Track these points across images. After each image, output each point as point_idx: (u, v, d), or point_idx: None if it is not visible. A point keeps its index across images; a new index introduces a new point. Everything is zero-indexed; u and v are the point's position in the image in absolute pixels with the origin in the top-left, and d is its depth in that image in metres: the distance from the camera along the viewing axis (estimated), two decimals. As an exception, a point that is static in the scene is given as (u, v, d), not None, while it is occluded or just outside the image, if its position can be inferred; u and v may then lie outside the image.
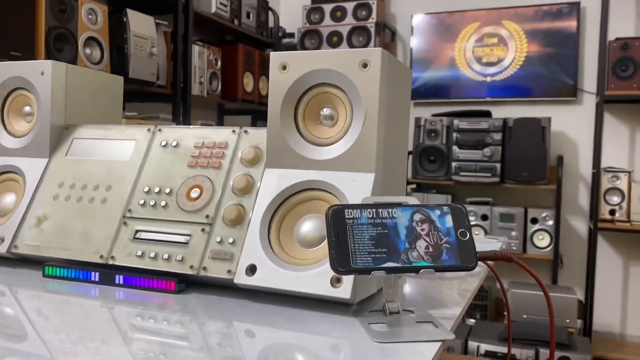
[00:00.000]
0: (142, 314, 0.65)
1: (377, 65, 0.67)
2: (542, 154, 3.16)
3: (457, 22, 3.68)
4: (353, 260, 0.59)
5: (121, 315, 0.64)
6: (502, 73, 3.57)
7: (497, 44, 3.58)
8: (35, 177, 0.85)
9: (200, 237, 0.72)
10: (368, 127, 0.68)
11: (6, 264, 0.83)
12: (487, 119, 3.26)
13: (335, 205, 0.61)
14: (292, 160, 0.72)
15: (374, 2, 3.66)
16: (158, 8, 2.49)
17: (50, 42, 1.91)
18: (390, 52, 3.89)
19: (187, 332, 0.58)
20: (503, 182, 3.22)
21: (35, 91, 0.87)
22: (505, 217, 3.30)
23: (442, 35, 3.74)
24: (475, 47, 3.65)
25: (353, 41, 3.72)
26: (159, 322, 0.62)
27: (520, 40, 3.53)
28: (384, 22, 3.72)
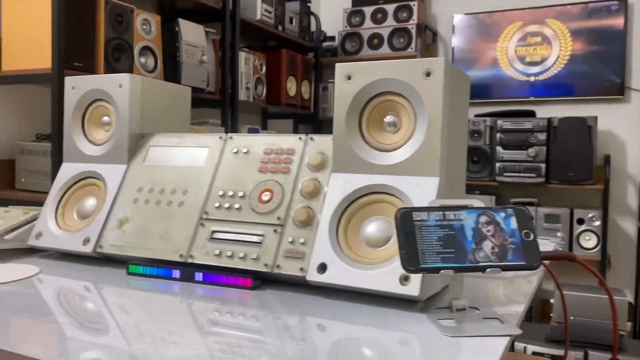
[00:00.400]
0: (220, 309, 0.70)
1: (440, 74, 0.71)
2: (589, 153, 3.11)
3: (499, 21, 3.66)
4: (422, 260, 0.63)
5: (199, 310, 0.69)
6: (546, 72, 3.53)
7: (540, 42, 3.55)
8: (116, 182, 0.91)
9: (273, 237, 0.77)
10: (432, 133, 0.71)
11: (91, 262, 0.91)
12: (531, 119, 3.23)
13: (404, 208, 0.65)
14: (357, 165, 0.76)
15: (415, 3, 3.68)
16: (206, 17, 2.58)
17: (109, 52, 2.01)
18: (432, 53, 3.90)
19: (262, 325, 0.63)
20: (548, 182, 3.19)
21: (114, 102, 0.94)
22: (550, 217, 3.26)
23: (483, 35, 3.72)
24: (518, 47, 3.62)
25: (394, 43, 3.74)
26: (236, 316, 0.67)
27: (565, 38, 3.48)
28: (425, 24, 3.72)
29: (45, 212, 0.94)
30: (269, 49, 3.26)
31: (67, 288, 0.77)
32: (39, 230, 0.93)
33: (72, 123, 0.98)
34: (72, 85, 0.98)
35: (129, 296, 0.75)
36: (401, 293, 0.66)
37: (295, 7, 3.30)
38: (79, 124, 0.99)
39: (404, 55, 3.70)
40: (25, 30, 1.91)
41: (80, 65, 1.92)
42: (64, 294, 0.73)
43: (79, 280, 0.81)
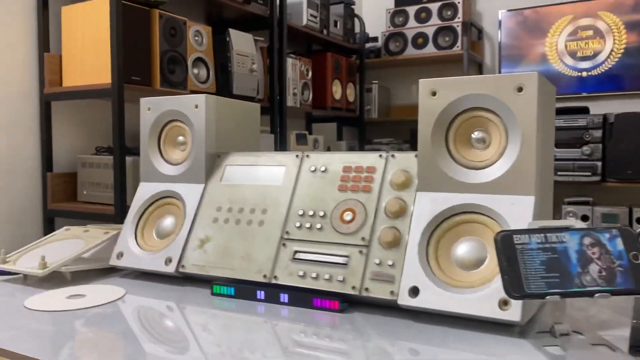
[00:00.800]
0: (305, 330, 0.70)
1: (533, 89, 0.69)
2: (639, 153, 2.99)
3: (548, 16, 3.56)
4: (526, 285, 0.60)
5: (284, 331, 0.69)
6: (599, 67, 3.41)
7: (592, 36, 3.43)
8: (194, 202, 0.92)
9: (359, 259, 0.76)
10: (526, 150, 0.69)
11: (172, 282, 0.92)
12: (584, 116, 3.13)
13: (504, 231, 0.63)
14: (445, 184, 0.74)
15: (460, 1, 3.62)
16: (254, 25, 2.60)
17: (164, 65, 2.04)
18: (477, 51, 3.82)
19: (351, 348, 0.62)
20: (604, 181, 3.08)
21: (190, 123, 0.95)
22: (608, 217, 3.15)
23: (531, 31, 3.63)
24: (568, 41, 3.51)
25: (439, 42, 3.69)
26: (322, 338, 0.67)
27: (619, 31, 3.36)
28: (471, 21, 3.65)
29: (125, 232, 0.96)
30: (314, 53, 3.26)
31: (157, 310, 0.78)
32: (120, 250, 0.94)
33: (149, 143, 1.00)
34: (147, 107, 1.00)
35: (211, 315, 0.75)
36: (502, 318, 0.64)
37: (339, 10, 3.29)
38: (155, 144, 1.00)
39: (450, 54, 3.64)
40: (84, 47, 1.96)
41: (138, 79, 1.95)
42: (153, 316, 0.74)
43: (164, 301, 0.82)
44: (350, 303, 0.76)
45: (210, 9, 2.45)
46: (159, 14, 2.03)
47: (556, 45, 3.56)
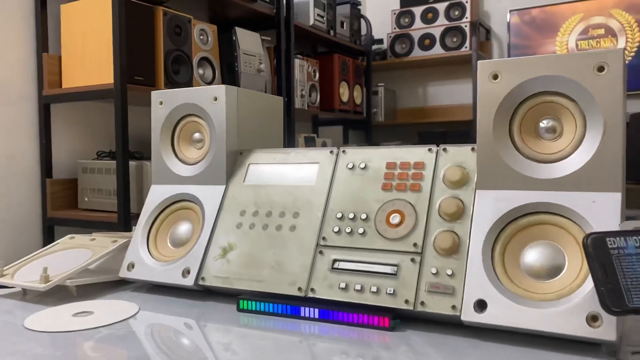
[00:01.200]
0: (349, 351, 0.60)
1: (618, 68, 0.59)
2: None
3: (557, 15, 3.48)
4: (628, 298, 0.50)
5: (323, 352, 0.59)
6: (612, 66, 3.33)
7: (604, 35, 3.35)
8: (214, 206, 0.82)
9: (411, 268, 0.66)
10: (611, 139, 0.59)
11: (192, 296, 0.81)
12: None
13: (594, 233, 0.53)
14: (510, 180, 0.64)
15: (468, 0, 3.54)
16: (260, 24, 2.51)
17: (168, 64, 1.94)
18: (486, 51, 3.74)
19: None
20: (621, 183, 2.99)
21: (209, 117, 0.85)
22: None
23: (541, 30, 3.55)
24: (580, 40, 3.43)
25: (446, 42, 3.60)
26: (370, 360, 0.56)
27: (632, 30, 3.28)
28: (479, 21, 3.57)
29: (136, 240, 0.86)
30: (320, 54, 3.17)
31: (174, 329, 0.68)
32: (131, 260, 0.84)
33: (161, 141, 0.90)
34: (159, 100, 0.90)
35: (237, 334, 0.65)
36: (593, 337, 0.54)
37: (345, 10, 3.21)
38: (169, 142, 0.90)
39: (458, 55, 3.56)
40: (84, 46, 1.87)
41: (141, 79, 1.86)
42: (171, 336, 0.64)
43: (182, 318, 0.72)
44: (403, 319, 0.66)
45: (214, 7, 2.36)
46: (163, 12, 1.93)
47: (567, 44, 3.48)
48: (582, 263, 0.58)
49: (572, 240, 0.60)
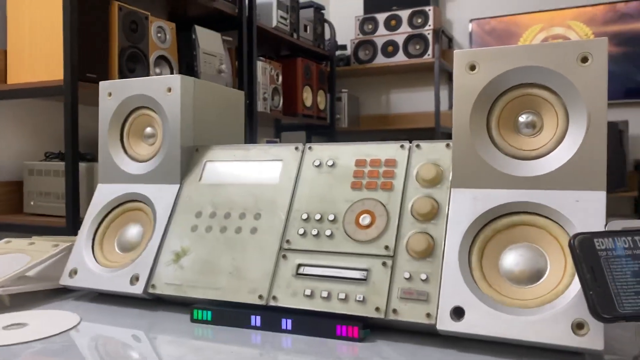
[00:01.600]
0: (315, 365, 0.54)
1: (603, 58, 0.55)
2: (621, 159, 2.97)
3: (518, 25, 3.54)
4: (619, 304, 0.47)
5: None
6: (569, 76, 3.40)
7: (562, 46, 3.42)
8: (167, 206, 0.75)
9: (382, 273, 0.60)
10: (594, 135, 0.55)
11: (140, 305, 0.74)
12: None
13: (582, 233, 0.49)
14: (488, 178, 0.60)
15: (430, 8, 3.56)
16: (221, 24, 2.43)
17: (123, 62, 1.85)
18: (448, 59, 3.76)
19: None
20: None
21: (162, 110, 0.78)
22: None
23: (502, 40, 3.59)
24: (538, 51, 3.49)
25: (409, 50, 3.61)
26: (338, 375, 0.51)
27: (588, 40, 3.36)
28: (442, 29, 3.59)
29: (80, 245, 0.78)
30: (283, 57, 3.12)
31: (121, 342, 0.61)
32: (74, 266, 0.76)
33: (109, 136, 0.82)
34: (107, 92, 0.82)
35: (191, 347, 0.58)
36: (579, 346, 0.50)
37: (309, 14, 3.17)
38: (117, 137, 0.82)
39: (420, 62, 3.57)
40: (32, 40, 1.76)
41: (93, 76, 1.76)
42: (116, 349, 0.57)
43: (129, 329, 0.65)
44: (373, 329, 0.60)
45: (173, 4, 2.27)
46: (118, 7, 1.84)
47: (526, 54, 3.54)
48: (565, 267, 0.54)
49: (554, 242, 0.56)
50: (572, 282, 0.53)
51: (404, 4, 3.64)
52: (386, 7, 3.70)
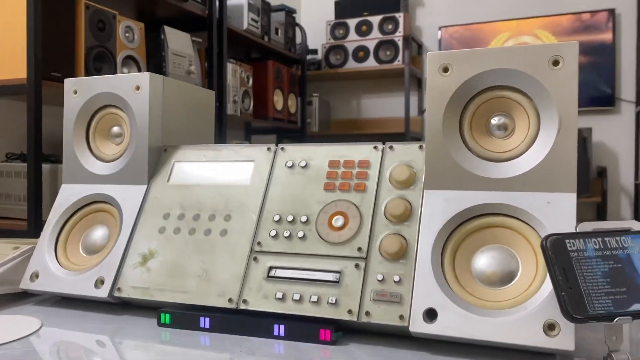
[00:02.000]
0: (286, 369, 0.53)
1: (573, 62, 0.56)
2: (585, 165, 3.05)
3: (486, 33, 3.60)
4: (590, 304, 0.47)
5: None
6: (535, 84, 3.47)
7: (528, 54, 3.49)
8: (134, 207, 0.73)
9: (355, 275, 0.60)
10: (566, 137, 0.56)
11: (105, 310, 0.71)
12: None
13: (554, 235, 0.50)
14: (460, 180, 0.60)
15: (401, 15, 3.59)
16: (191, 25, 2.40)
17: (90, 61, 1.81)
18: (417, 65, 3.80)
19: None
20: (544, 196, 3.10)
21: (129, 108, 0.76)
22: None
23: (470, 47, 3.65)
24: (506, 58, 3.56)
25: (380, 55, 3.64)
26: (309, 379, 0.50)
27: (553, 49, 3.44)
28: (411, 36, 3.63)
29: (42, 247, 0.75)
30: (254, 60, 3.10)
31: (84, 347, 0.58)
32: (35, 269, 0.73)
33: (74, 135, 0.79)
34: (73, 89, 0.80)
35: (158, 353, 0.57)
36: (550, 347, 0.50)
37: (280, 17, 3.16)
38: (83, 135, 0.80)
39: (391, 68, 3.59)
40: (-6, 36, 1.70)
41: (58, 75, 1.71)
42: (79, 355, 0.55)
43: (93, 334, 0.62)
44: (346, 332, 0.60)
45: (142, 4, 2.23)
46: (85, 5, 1.80)
47: (494, 62, 3.60)
48: (536, 268, 0.55)
49: (525, 243, 0.56)
50: (543, 284, 0.53)
51: (375, 10, 3.67)
52: (357, 12, 3.71)
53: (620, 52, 3.32)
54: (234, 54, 2.93)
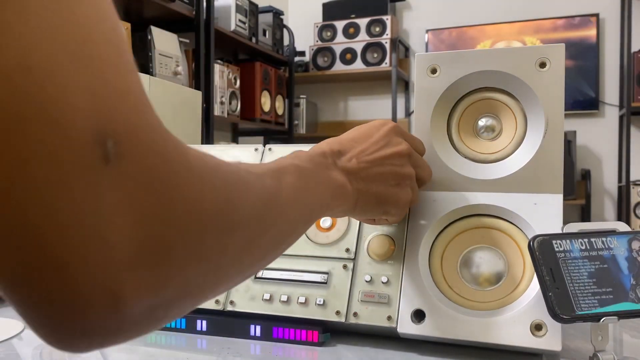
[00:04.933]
0: (273, 371, 0.53)
1: (560, 64, 0.57)
2: (569, 168, 3.08)
3: (472, 37, 3.63)
4: (576, 304, 0.47)
5: None
6: (520, 87, 3.51)
7: (514, 58, 3.53)
8: (119, 208, 0.72)
9: (343, 276, 0.60)
10: (552, 139, 0.56)
11: (89, 312, 0.70)
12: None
13: (541, 235, 0.50)
14: (448, 181, 0.60)
15: (388, 17, 3.60)
16: (178, 26, 2.39)
17: (75, 61, 1.78)
18: (404, 68, 3.82)
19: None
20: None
21: (115, 108, 0.75)
22: (532, 234, 3.20)
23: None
24: (492, 62, 3.59)
25: (367, 58, 3.65)
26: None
27: (539, 53, 3.48)
28: (399, 38, 3.65)
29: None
30: (241, 61, 3.09)
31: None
32: (17, 271, 0.72)
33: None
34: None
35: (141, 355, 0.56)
36: (538, 347, 0.50)
37: (267, 19, 3.15)
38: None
39: (378, 70, 3.61)
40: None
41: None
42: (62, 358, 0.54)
43: (79, 339, 0.61)
44: (333, 333, 0.59)
45: (129, 4, 2.22)
46: (70, 3, 1.78)
47: (480, 65, 3.63)
48: (523, 269, 0.55)
49: (513, 244, 0.56)
50: (530, 285, 0.54)
51: (362, 13, 3.67)
52: (345, 15, 3.72)
53: (604, 56, 3.36)
54: (221, 55, 2.91)
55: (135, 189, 0.23)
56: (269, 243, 0.36)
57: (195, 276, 0.28)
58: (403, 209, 0.53)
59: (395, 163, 0.50)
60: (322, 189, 0.43)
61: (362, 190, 0.47)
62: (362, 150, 0.48)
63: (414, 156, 0.53)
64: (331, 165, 0.45)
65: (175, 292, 0.27)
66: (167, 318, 0.28)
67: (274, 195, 0.36)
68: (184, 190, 0.26)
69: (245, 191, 0.33)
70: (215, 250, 0.29)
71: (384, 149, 0.49)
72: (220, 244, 0.29)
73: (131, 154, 0.24)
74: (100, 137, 0.22)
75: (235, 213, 0.31)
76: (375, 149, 0.49)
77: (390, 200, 0.50)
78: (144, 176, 0.24)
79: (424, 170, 0.56)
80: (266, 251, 0.36)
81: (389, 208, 0.50)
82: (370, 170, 0.48)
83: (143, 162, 0.24)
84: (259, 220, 0.34)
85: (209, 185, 0.29)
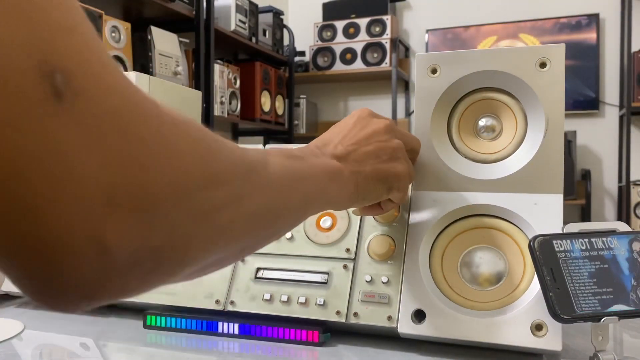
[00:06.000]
0: (273, 371, 0.53)
1: (560, 64, 0.57)
2: (569, 168, 3.07)
3: (473, 36, 3.63)
4: (577, 304, 0.47)
5: None
6: (520, 87, 3.51)
7: (514, 58, 3.53)
8: (120, 208, 0.72)
9: (343, 276, 0.60)
10: (552, 139, 0.56)
11: (90, 311, 0.70)
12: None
13: (541, 235, 0.50)
14: (449, 181, 0.60)
15: (388, 17, 3.60)
16: (178, 26, 2.39)
17: (75, 61, 1.79)
18: (404, 68, 3.82)
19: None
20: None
21: (116, 108, 0.75)
22: (532, 234, 3.19)
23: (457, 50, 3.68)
24: (492, 62, 3.59)
25: (367, 58, 3.64)
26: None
27: (539, 53, 3.47)
28: (399, 38, 3.65)
29: (24, 248, 0.73)
30: (241, 61, 3.09)
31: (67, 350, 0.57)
32: (17, 271, 0.72)
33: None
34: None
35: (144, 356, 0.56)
36: (538, 347, 0.50)
37: (267, 19, 3.15)
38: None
39: (378, 70, 3.61)
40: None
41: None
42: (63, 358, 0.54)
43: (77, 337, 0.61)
44: (334, 333, 0.59)
45: (129, 4, 2.22)
46: (70, 3, 1.78)
47: (480, 65, 3.63)
48: (524, 269, 0.55)
49: (513, 244, 0.56)
50: (530, 285, 0.54)
51: (362, 13, 3.67)
52: (345, 15, 3.72)
53: (604, 57, 3.36)
54: (221, 55, 2.91)
55: (98, 129, 0.22)
56: (260, 211, 0.33)
57: (181, 224, 0.26)
58: (404, 182, 0.52)
59: (380, 139, 0.50)
60: (315, 172, 0.42)
61: (358, 171, 0.47)
62: (344, 136, 0.49)
63: (396, 129, 0.53)
64: (320, 155, 0.45)
65: (161, 240, 0.25)
66: (157, 274, 0.26)
67: (260, 163, 0.34)
68: (157, 134, 0.25)
69: (226, 147, 0.31)
70: (200, 199, 0.27)
71: (364, 129, 0.50)
72: (205, 193, 0.27)
73: (88, 91, 0.22)
74: (45, 69, 0.21)
75: (216, 163, 0.29)
76: (355, 131, 0.49)
77: (390, 173, 0.50)
78: (108, 116, 0.23)
79: (412, 140, 0.56)
80: (258, 220, 0.33)
81: (391, 182, 0.50)
82: (359, 150, 0.48)
83: (104, 101, 0.23)
84: (244, 181, 0.31)
85: (184, 132, 0.27)
